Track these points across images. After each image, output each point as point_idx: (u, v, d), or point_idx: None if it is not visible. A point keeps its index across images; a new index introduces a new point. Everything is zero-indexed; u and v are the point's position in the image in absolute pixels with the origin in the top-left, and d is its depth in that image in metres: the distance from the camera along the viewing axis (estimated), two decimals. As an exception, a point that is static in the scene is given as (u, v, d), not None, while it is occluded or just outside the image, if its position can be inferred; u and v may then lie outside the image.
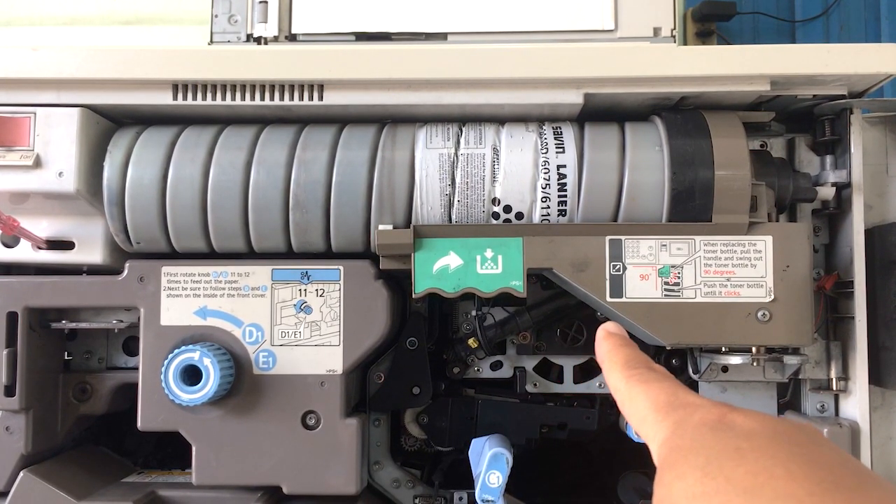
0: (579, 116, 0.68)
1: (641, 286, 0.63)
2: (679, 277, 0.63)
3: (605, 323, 0.42)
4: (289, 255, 0.68)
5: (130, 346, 0.74)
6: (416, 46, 0.85)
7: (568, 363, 0.76)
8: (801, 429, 0.29)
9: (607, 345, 0.39)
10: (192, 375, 0.64)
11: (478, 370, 0.76)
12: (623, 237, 0.63)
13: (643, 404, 0.34)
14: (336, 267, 0.67)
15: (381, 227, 0.64)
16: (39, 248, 0.68)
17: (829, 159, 0.70)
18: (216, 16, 0.87)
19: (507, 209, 0.64)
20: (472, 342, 0.73)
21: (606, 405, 0.76)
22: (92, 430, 0.78)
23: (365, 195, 0.64)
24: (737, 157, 0.62)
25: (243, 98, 0.66)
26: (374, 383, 0.74)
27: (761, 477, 0.26)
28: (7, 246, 0.69)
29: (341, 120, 0.69)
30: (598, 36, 0.84)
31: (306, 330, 0.66)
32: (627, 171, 0.64)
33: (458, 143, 0.65)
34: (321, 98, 0.65)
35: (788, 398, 0.74)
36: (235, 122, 0.69)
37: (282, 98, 0.66)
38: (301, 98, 0.66)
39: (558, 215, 0.65)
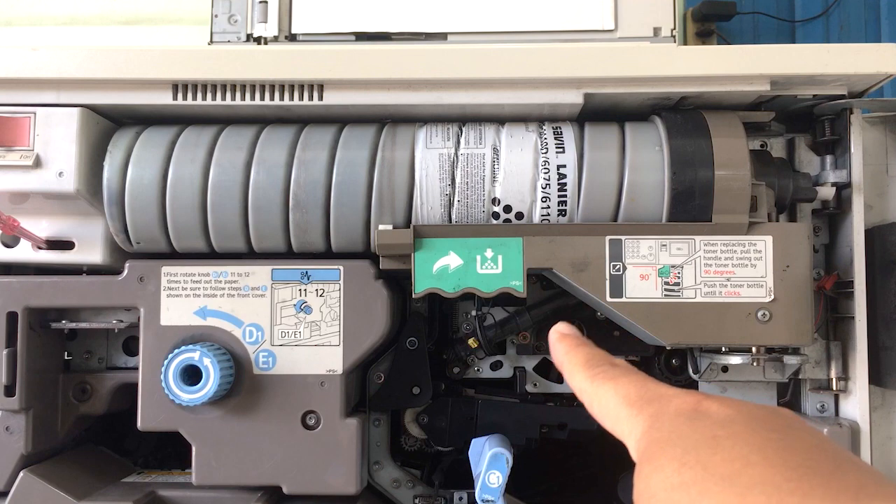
0: (579, 116, 0.68)
1: (641, 286, 0.63)
2: (679, 277, 0.63)
3: (557, 324, 0.41)
4: (289, 255, 0.68)
5: (130, 346, 0.74)
6: (416, 46, 0.84)
7: (568, 363, 0.76)
8: (777, 413, 0.29)
9: (563, 346, 0.38)
10: (192, 375, 0.64)
11: (478, 370, 0.76)
12: (623, 237, 0.63)
13: (613, 401, 0.33)
14: (336, 267, 0.67)
15: (381, 227, 0.64)
16: (39, 248, 0.68)
17: (829, 159, 0.70)
18: (216, 16, 0.87)
19: (507, 209, 0.64)
20: (472, 342, 0.73)
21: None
22: (92, 430, 0.78)
23: (365, 195, 0.64)
24: (737, 157, 0.62)
25: (243, 98, 0.66)
26: (374, 383, 0.74)
27: (737, 464, 0.26)
28: (7, 246, 0.69)
29: (341, 120, 0.69)
30: (598, 36, 0.84)
31: (306, 330, 0.66)
32: (627, 171, 0.64)
33: (458, 143, 0.65)
34: (321, 98, 0.65)
35: (788, 398, 0.74)
36: (235, 122, 0.69)
37: (282, 98, 0.66)
38: (301, 98, 0.66)
39: (558, 215, 0.65)
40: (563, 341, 0.39)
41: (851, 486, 0.24)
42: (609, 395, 0.34)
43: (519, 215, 0.65)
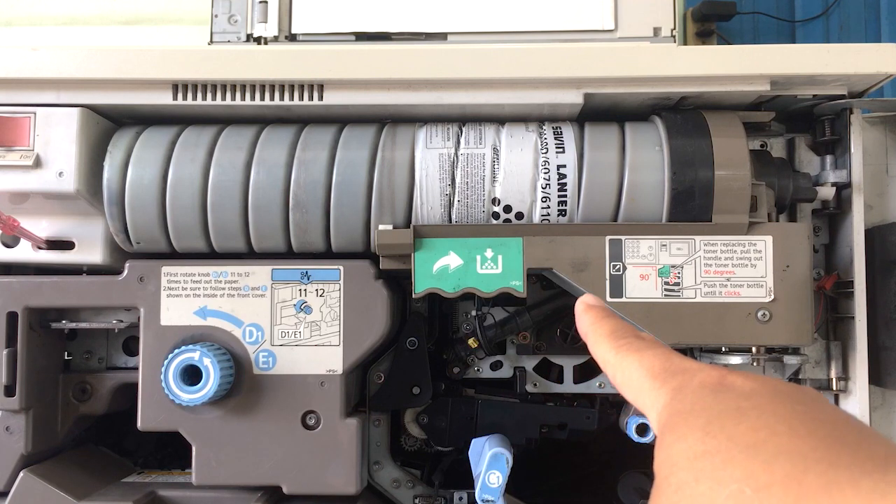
0: (579, 116, 0.68)
1: (641, 286, 0.63)
2: (679, 277, 0.63)
3: (583, 295, 0.40)
4: (289, 255, 0.68)
5: (130, 346, 0.74)
6: (416, 46, 0.84)
7: (568, 363, 0.76)
8: (801, 389, 0.29)
9: (589, 317, 0.38)
10: (192, 375, 0.64)
11: (478, 370, 0.76)
12: (623, 237, 0.63)
13: (637, 373, 0.33)
14: (336, 267, 0.67)
15: (381, 227, 0.64)
16: (39, 248, 0.68)
17: (829, 159, 0.70)
18: (216, 16, 0.87)
19: (507, 209, 0.64)
20: (472, 342, 0.73)
21: (606, 405, 0.76)
22: (92, 430, 0.78)
23: (365, 195, 0.64)
24: (737, 157, 0.62)
25: (243, 98, 0.66)
26: (374, 383, 0.74)
27: (763, 433, 0.26)
28: (7, 246, 0.69)
29: (341, 120, 0.69)
30: (598, 36, 0.84)
31: (306, 330, 0.66)
32: (627, 171, 0.64)
33: (458, 143, 0.65)
34: (321, 98, 0.65)
35: (788, 398, 0.74)
36: (235, 122, 0.69)
37: (282, 98, 0.66)
38: (301, 98, 0.66)
39: (558, 215, 0.65)
40: (588, 312, 0.39)
41: (879, 455, 0.24)
42: (633, 367, 0.33)
43: (519, 215, 0.65)
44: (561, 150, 0.64)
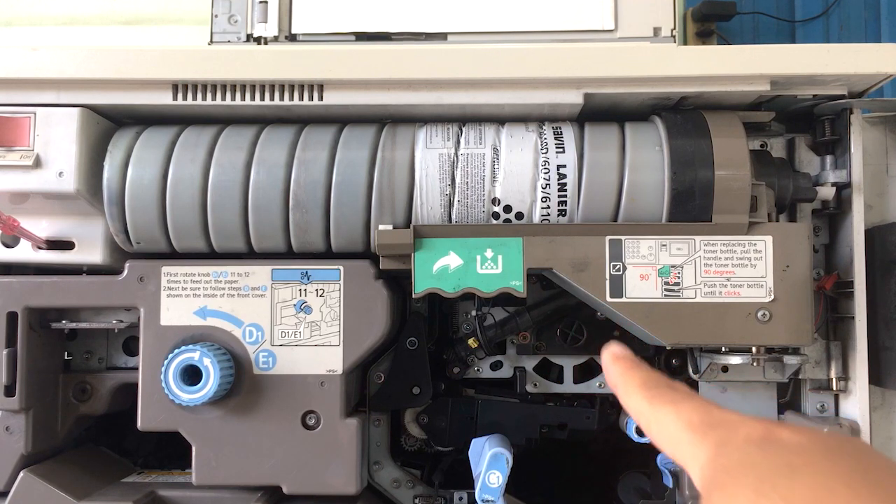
0: (579, 116, 0.68)
1: (641, 286, 0.63)
2: (679, 277, 0.63)
3: (609, 346, 0.40)
4: (289, 255, 0.68)
5: (130, 346, 0.74)
6: (416, 46, 0.84)
7: (568, 363, 0.76)
8: (850, 441, 0.28)
9: (618, 368, 0.37)
10: (192, 375, 0.64)
11: (478, 370, 0.76)
12: (623, 237, 0.63)
13: (675, 426, 0.32)
14: (336, 267, 0.67)
15: (381, 227, 0.64)
16: (39, 248, 0.68)
17: (829, 159, 0.70)
18: (216, 16, 0.87)
19: (507, 209, 0.64)
20: (472, 342, 0.73)
21: (606, 405, 0.76)
22: (92, 430, 0.78)
23: (365, 195, 0.65)
24: (737, 157, 0.62)
25: (243, 98, 0.66)
26: (374, 383, 0.74)
27: (821, 493, 0.25)
28: (7, 246, 0.69)
29: (341, 120, 0.69)
30: (598, 36, 0.84)
31: (306, 330, 0.66)
32: (627, 171, 0.64)
33: (458, 143, 0.65)
34: (321, 98, 0.66)
35: (788, 398, 0.74)
36: (235, 122, 0.69)
37: (282, 98, 0.66)
38: (301, 98, 0.66)
39: (558, 215, 0.65)
40: (617, 363, 0.38)
41: None
42: (669, 419, 0.32)
43: (519, 215, 0.65)
44: (561, 150, 0.64)
